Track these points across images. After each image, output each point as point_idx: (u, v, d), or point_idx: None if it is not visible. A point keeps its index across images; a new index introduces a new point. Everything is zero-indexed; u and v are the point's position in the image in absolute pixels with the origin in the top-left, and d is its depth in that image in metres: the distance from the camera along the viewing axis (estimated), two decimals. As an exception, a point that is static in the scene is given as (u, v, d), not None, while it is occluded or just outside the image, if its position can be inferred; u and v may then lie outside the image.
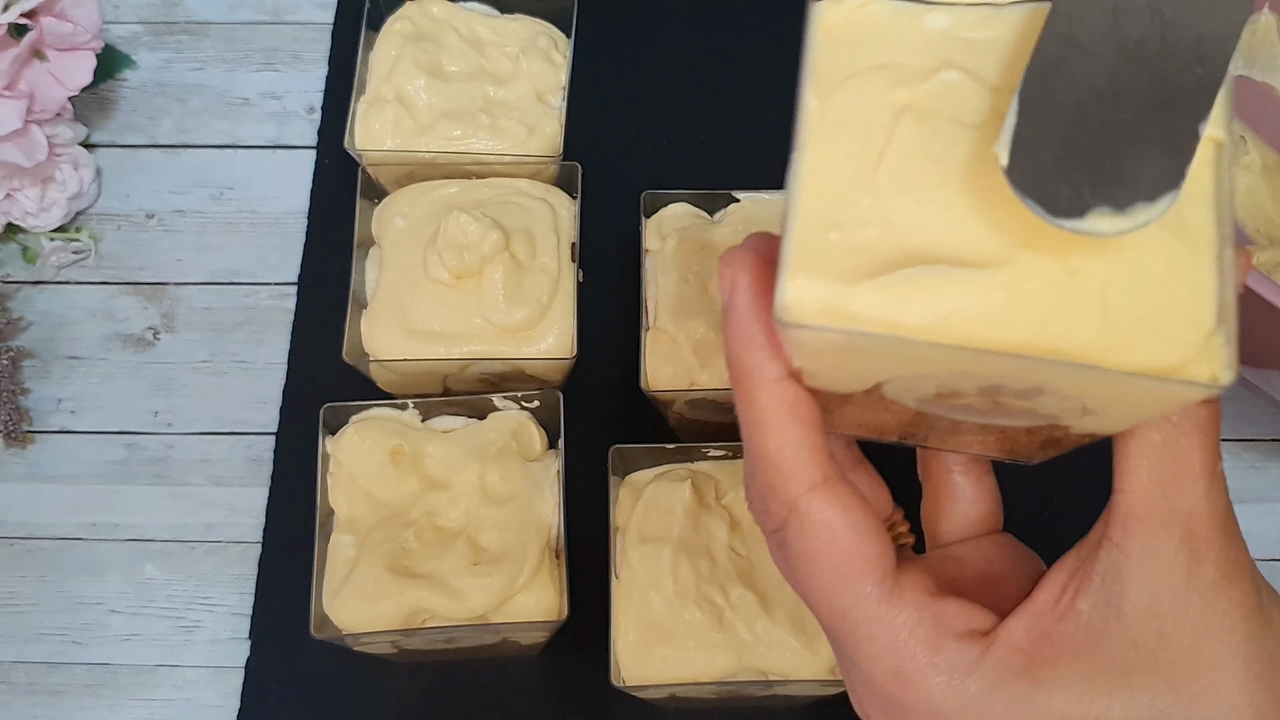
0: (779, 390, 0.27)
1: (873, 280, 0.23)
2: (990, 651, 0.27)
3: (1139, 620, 0.27)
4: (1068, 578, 0.28)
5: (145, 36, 0.71)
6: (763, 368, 0.27)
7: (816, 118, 0.25)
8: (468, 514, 0.51)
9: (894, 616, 0.27)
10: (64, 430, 0.60)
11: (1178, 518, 0.26)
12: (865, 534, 0.27)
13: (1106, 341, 0.23)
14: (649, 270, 0.55)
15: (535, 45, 0.63)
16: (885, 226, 0.24)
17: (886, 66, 0.26)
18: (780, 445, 0.27)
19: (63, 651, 0.56)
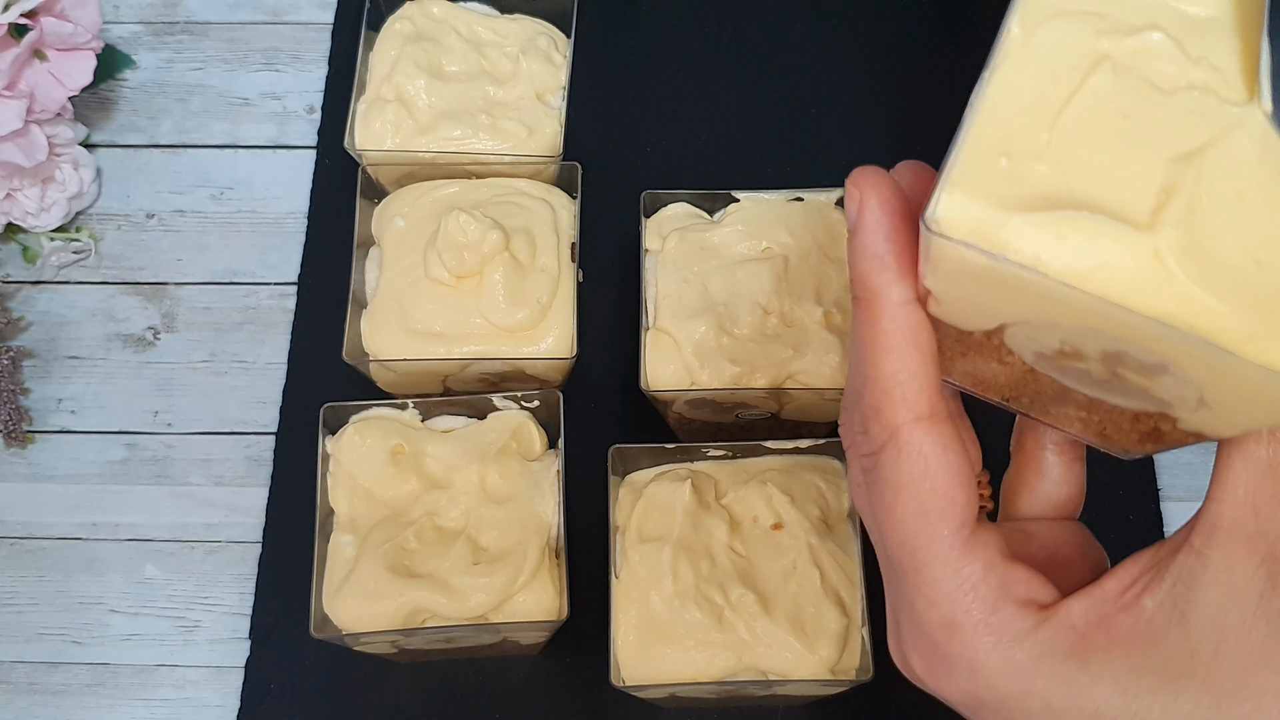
0: (903, 314, 0.27)
1: (1031, 214, 0.23)
2: (1045, 625, 0.27)
3: (1201, 630, 0.26)
4: (1140, 572, 0.28)
5: (145, 36, 0.71)
6: (890, 288, 0.26)
7: (1016, 45, 0.25)
8: (468, 514, 0.51)
9: (962, 566, 0.27)
10: (64, 430, 0.60)
11: (1264, 538, 0.26)
12: (957, 478, 0.27)
13: (1249, 331, 0.23)
14: (649, 270, 0.55)
15: (535, 45, 0.63)
16: (1056, 166, 0.24)
17: (1095, 15, 0.25)
18: (896, 369, 0.27)
19: (63, 651, 0.56)
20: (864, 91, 0.68)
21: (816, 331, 0.52)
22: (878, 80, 0.69)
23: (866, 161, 0.29)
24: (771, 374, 0.52)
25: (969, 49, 0.72)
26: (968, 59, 0.73)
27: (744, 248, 0.55)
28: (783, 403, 0.53)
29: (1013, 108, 0.24)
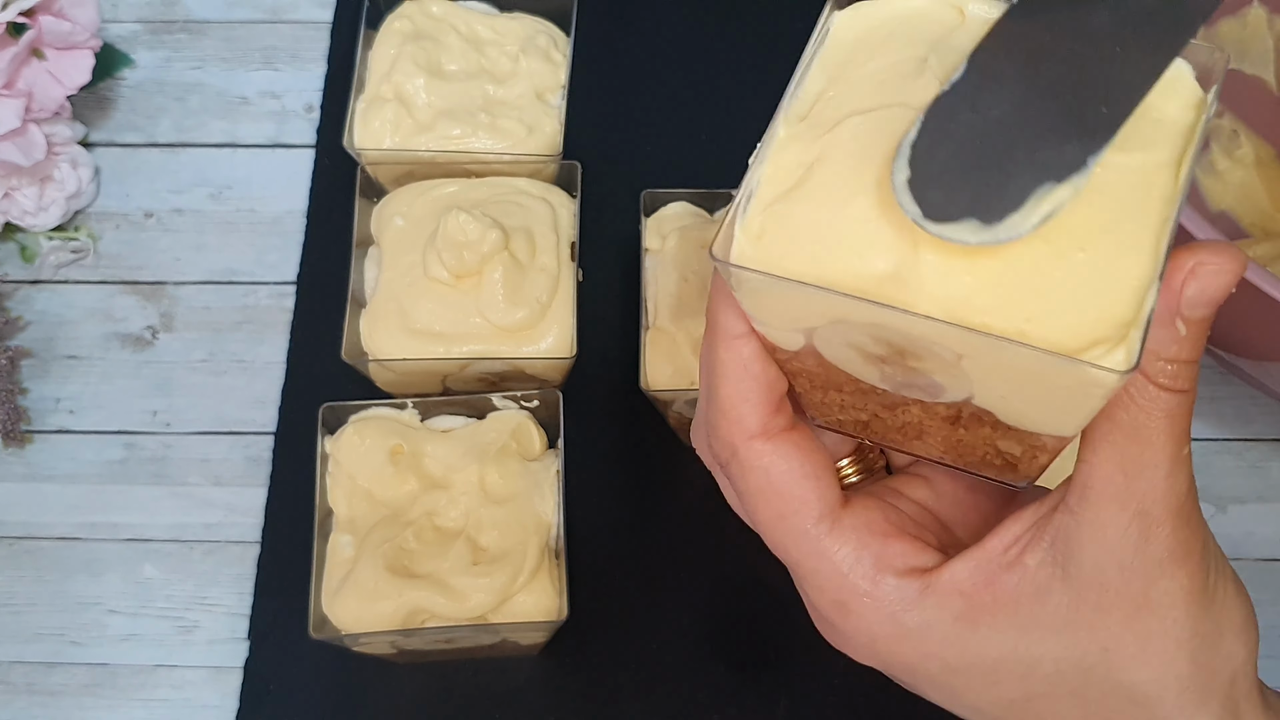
0: (738, 345, 0.29)
1: (780, 234, 0.27)
2: (930, 590, 0.29)
3: (1082, 583, 0.28)
4: (1021, 530, 0.29)
5: (144, 35, 0.71)
6: (730, 323, 0.29)
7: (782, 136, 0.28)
8: (467, 514, 0.51)
9: (834, 552, 0.30)
10: (63, 430, 0.60)
11: (1133, 496, 0.27)
12: (803, 479, 0.30)
13: (1023, 314, 0.25)
14: (649, 270, 0.55)
15: (535, 44, 0.62)
16: (803, 202, 0.27)
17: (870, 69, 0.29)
18: (731, 393, 0.30)
19: (61, 652, 0.56)
20: (864, 90, 0.68)
21: None
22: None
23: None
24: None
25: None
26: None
27: None
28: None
29: (782, 167, 0.28)
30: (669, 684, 0.54)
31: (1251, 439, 0.60)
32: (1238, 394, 0.60)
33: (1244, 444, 0.60)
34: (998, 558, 0.29)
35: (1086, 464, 0.28)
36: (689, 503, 0.57)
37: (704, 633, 0.55)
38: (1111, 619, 0.28)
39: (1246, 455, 0.60)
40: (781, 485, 0.30)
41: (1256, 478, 0.59)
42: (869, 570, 0.30)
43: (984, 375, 0.27)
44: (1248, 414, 0.60)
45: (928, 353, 0.26)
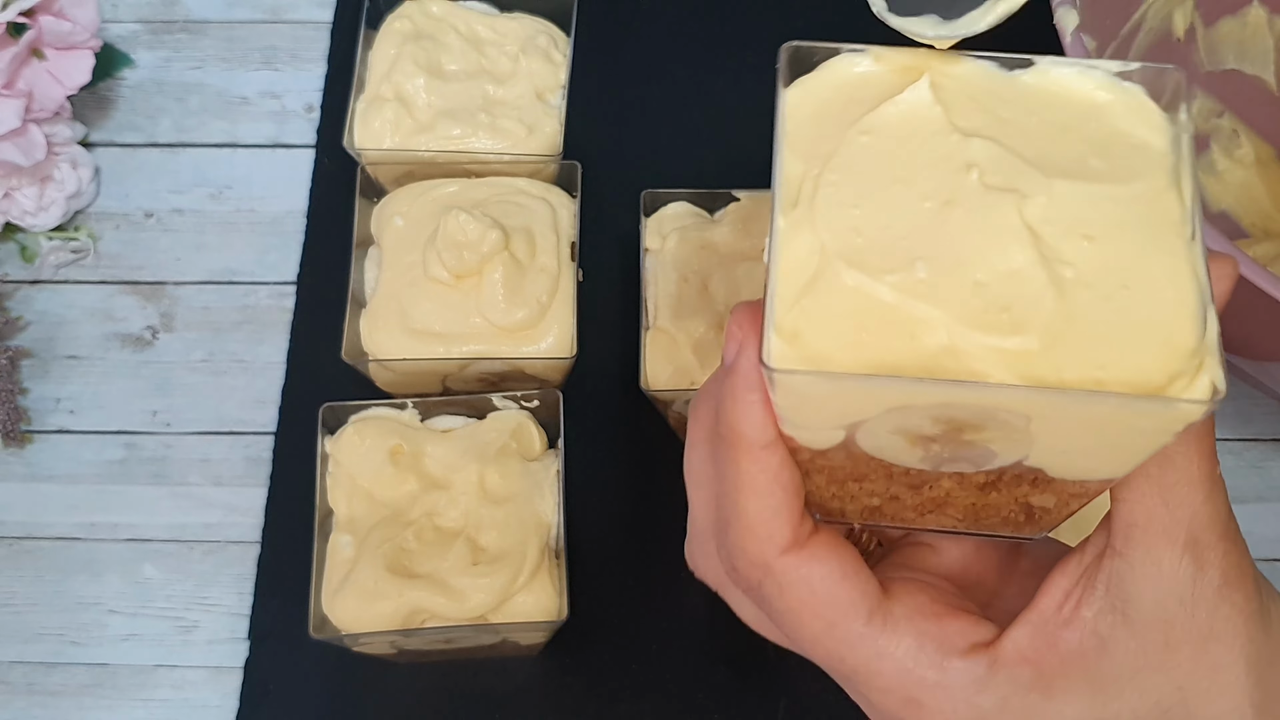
0: (767, 455, 0.27)
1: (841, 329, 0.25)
2: (998, 665, 0.27)
3: (1145, 627, 0.27)
4: (1070, 584, 0.28)
5: (144, 35, 0.71)
6: (756, 432, 0.27)
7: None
8: (467, 514, 0.51)
9: (894, 648, 0.28)
10: (63, 430, 0.60)
11: (1179, 525, 0.26)
12: (844, 580, 0.28)
13: (1095, 364, 0.24)
14: (649, 270, 0.55)
15: (535, 44, 0.62)
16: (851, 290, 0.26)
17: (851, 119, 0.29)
18: (760, 508, 0.27)
19: (61, 652, 0.56)
20: (864, 90, 0.68)
21: None
22: (878, 79, 0.69)
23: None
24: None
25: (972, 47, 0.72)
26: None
27: (744, 246, 0.55)
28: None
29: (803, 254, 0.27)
30: (669, 684, 0.54)
31: (1251, 439, 0.60)
32: (1238, 394, 0.60)
33: (1244, 444, 0.60)
34: (1054, 616, 0.28)
35: (1124, 502, 0.27)
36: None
37: (704, 633, 0.55)
38: (1181, 656, 0.27)
39: (1246, 455, 0.60)
40: (826, 593, 0.28)
41: (1256, 478, 0.59)
42: (934, 657, 0.28)
43: (1051, 434, 0.26)
44: (1248, 414, 0.60)
45: (993, 422, 0.25)
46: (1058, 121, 0.29)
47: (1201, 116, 0.63)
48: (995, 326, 0.25)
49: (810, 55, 0.30)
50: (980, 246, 0.26)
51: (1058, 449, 0.26)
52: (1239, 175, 0.63)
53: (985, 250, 0.26)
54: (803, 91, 0.30)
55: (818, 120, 0.29)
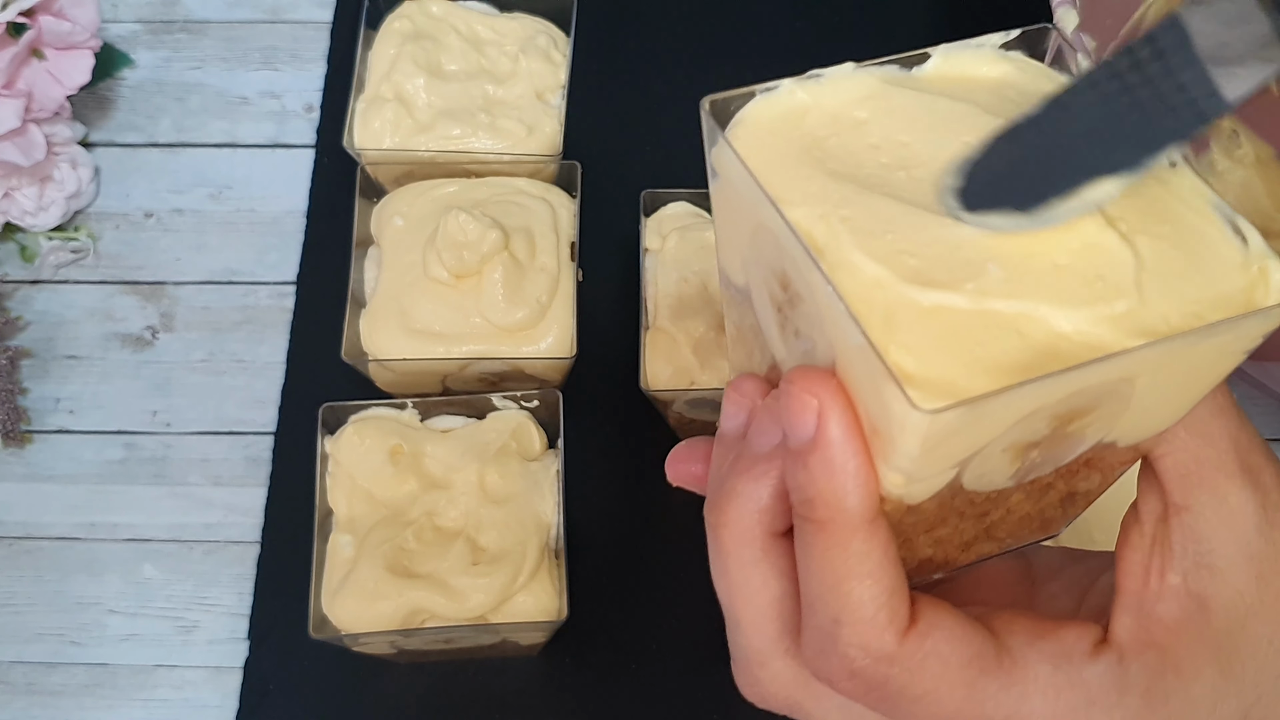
0: (875, 531, 0.24)
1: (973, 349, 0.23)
2: (1127, 659, 0.26)
3: (1235, 570, 0.26)
4: (1145, 557, 0.27)
5: (144, 35, 0.71)
6: (862, 506, 0.24)
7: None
8: (467, 514, 0.51)
9: (1034, 682, 0.26)
10: (62, 430, 0.60)
11: (1228, 456, 0.26)
12: (965, 636, 0.26)
13: (1189, 302, 0.24)
14: (649, 270, 0.55)
15: (535, 44, 0.62)
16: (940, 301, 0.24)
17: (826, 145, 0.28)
18: (875, 595, 0.24)
19: (61, 652, 0.56)
20: (864, 90, 0.68)
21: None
22: (878, 79, 0.69)
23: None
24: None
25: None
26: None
27: None
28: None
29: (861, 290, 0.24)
30: (669, 684, 0.54)
31: (1251, 439, 0.60)
32: (1238, 394, 0.60)
33: (1244, 444, 0.60)
34: (1146, 594, 0.27)
35: (1167, 457, 0.26)
36: (689, 502, 0.57)
37: (704, 633, 0.55)
38: (1272, 586, 0.26)
39: (1246, 455, 0.60)
40: (957, 658, 0.25)
41: (1256, 478, 0.59)
42: (1071, 675, 0.26)
43: (1152, 390, 0.25)
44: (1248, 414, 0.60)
45: (1108, 397, 0.24)
46: (983, 101, 0.28)
47: (1201, 116, 0.63)
48: (1097, 298, 0.24)
49: (728, 105, 0.30)
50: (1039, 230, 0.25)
51: (1145, 409, 0.25)
52: (1239, 175, 0.63)
53: (1046, 232, 0.25)
54: (745, 140, 0.29)
55: (777, 163, 0.28)
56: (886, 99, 0.29)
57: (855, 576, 0.24)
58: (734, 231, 0.29)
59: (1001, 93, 0.29)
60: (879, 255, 0.25)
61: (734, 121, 0.30)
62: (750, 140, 0.29)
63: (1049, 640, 0.26)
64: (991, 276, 0.24)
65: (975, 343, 0.23)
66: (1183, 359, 0.24)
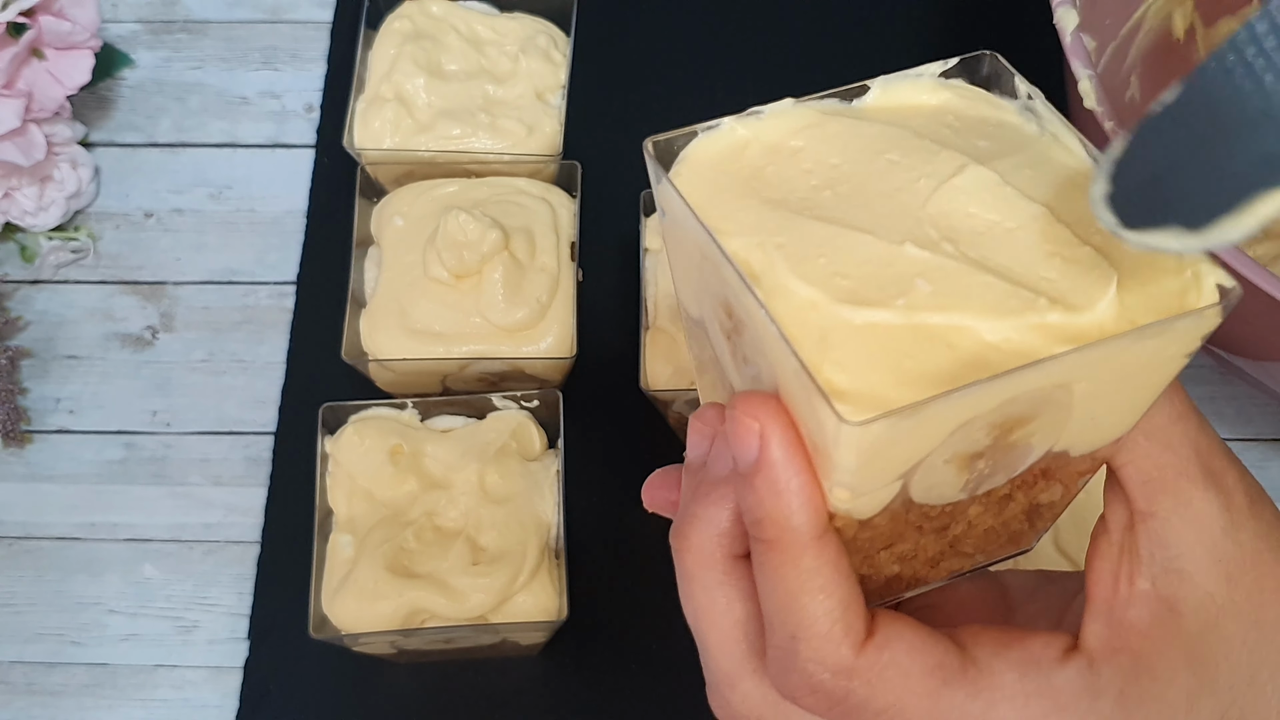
0: (824, 546, 0.25)
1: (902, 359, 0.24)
2: (1098, 663, 0.26)
3: (1203, 573, 0.26)
4: (1114, 565, 0.27)
5: (144, 35, 0.71)
6: (809, 523, 0.24)
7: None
8: (467, 514, 0.51)
9: (1002, 690, 0.26)
10: (62, 430, 0.60)
11: (1190, 462, 0.26)
12: (925, 646, 0.26)
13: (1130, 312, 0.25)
14: (649, 270, 0.55)
15: (535, 44, 0.62)
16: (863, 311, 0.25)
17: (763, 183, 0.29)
18: (829, 609, 0.25)
19: (61, 652, 0.56)
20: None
21: None
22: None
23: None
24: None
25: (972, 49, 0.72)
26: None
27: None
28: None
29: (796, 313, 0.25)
30: (669, 684, 0.54)
31: (1251, 439, 0.60)
32: (1238, 394, 0.60)
33: (1244, 444, 0.60)
34: (1115, 601, 0.27)
35: (1129, 465, 0.27)
36: (689, 503, 0.57)
37: (704, 633, 0.55)
38: (1243, 588, 0.26)
39: (1246, 455, 0.60)
40: (919, 668, 0.25)
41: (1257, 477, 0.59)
42: (1040, 682, 0.26)
43: (1091, 399, 0.25)
44: (1248, 414, 0.60)
45: (1045, 406, 0.25)
46: (917, 125, 0.30)
47: (1201, 116, 0.63)
48: (1026, 307, 0.25)
49: (671, 145, 0.31)
50: (967, 243, 0.26)
51: (1090, 416, 0.26)
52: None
53: (976, 244, 0.26)
54: (688, 177, 0.30)
55: (718, 197, 0.29)
56: (822, 127, 0.30)
57: (808, 592, 0.25)
58: (684, 265, 0.30)
59: (939, 118, 0.30)
60: (812, 278, 0.25)
61: (678, 160, 0.31)
62: (693, 177, 0.30)
63: (1016, 649, 0.26)
64: (920, 291, 0.25)
65: (905, 356, 0.24)
66: (1118, 364, 0.25)
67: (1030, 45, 0.69)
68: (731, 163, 0.30)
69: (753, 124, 0.30)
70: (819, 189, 0.28)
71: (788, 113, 0.31)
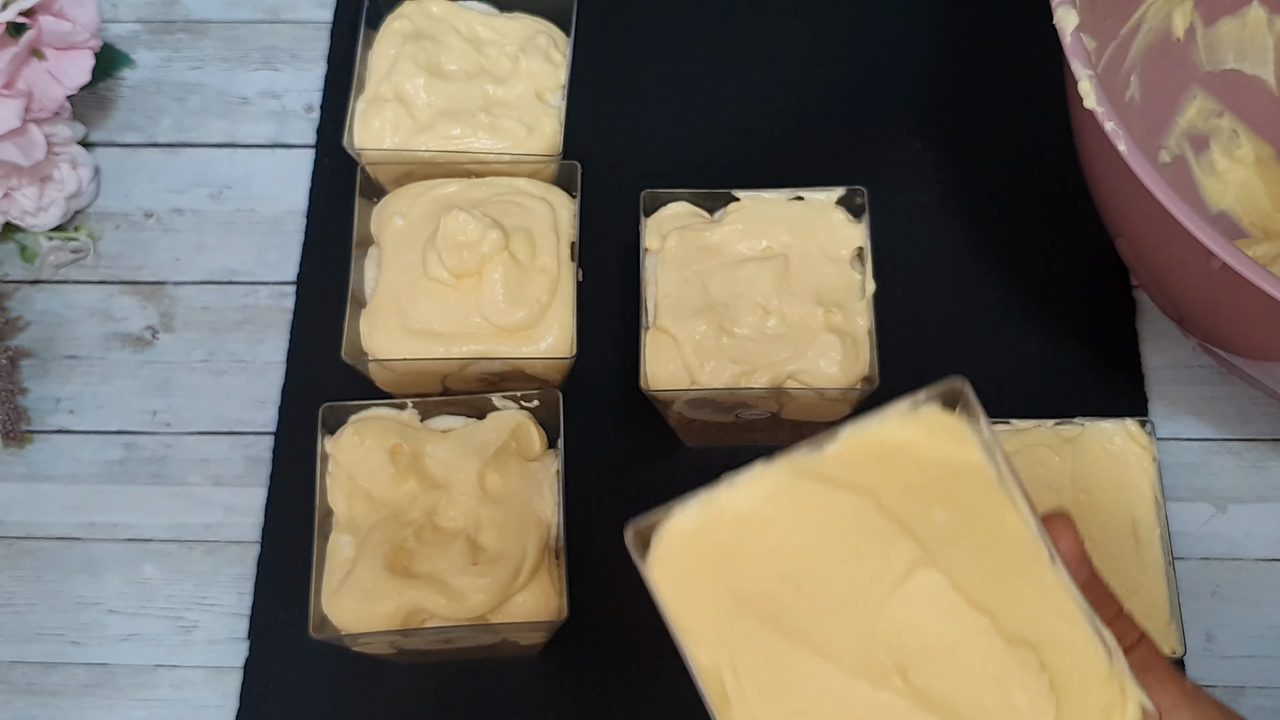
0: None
1: None
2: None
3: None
4: None
5: (144, 35, 0.71)
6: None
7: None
8: (467, 514, 0.51)
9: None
10: (63, 430, 0.60)
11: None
12: None
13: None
14: (649, 269, 0.55)
15: (535, 44, 0.62)
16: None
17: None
18: None
19: (61, 652, 0.56)
20: (865, 91, 0.68)
21: (817, 331, 0.52)
22: (879, 79, 0.69)
23: (867, 162, 0.29)
24: (771, 373, 0.52)
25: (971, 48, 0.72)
26: (970, 58, 0.73)
27: (744, 247, 0.55)
28: (783, 402, 0.53)
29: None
30: (669, 684, 0.54)
31: (1251, 439, 0.60)
32: (1238, 394, 0.60)
33: (1244, 444, 0.60)
34: None
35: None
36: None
37: (704, 633, 0.55)
38: None
39: (1246, 455, 0.60)
40: None
41: (1256, 478, 0.59)
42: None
43: None
44: (1248, 414, 0.60)
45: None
46: (885, 493, 0.32)
47: (1201, 116, 0.63)
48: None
49: (650, 526, 0.33)
50: (915, 668, 0.30)
51: None
52: (1239, 175, 0.63)
53: (922, 670, 0.30)
54: (664, 570, 0.32)
55: (693, 592, 0.32)
56: (791, 496, 0.32)
57: None
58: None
59: (905, 475, 0.33)
60: (779, 717, 0.30)
61: (655, 538, 0.33)
62: (668, 558, 0.32)
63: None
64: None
65: None
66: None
67: (1030, 46, 0.70)
68: (705, 542, 0.32)
69: (725, 494, 0.32)
70: (784, 581, 0.31)
71: (757, 479, 0.33)
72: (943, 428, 0.33)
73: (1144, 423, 0.55)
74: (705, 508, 0.33)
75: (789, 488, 0.33)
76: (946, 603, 0.31)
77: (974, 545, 0.32)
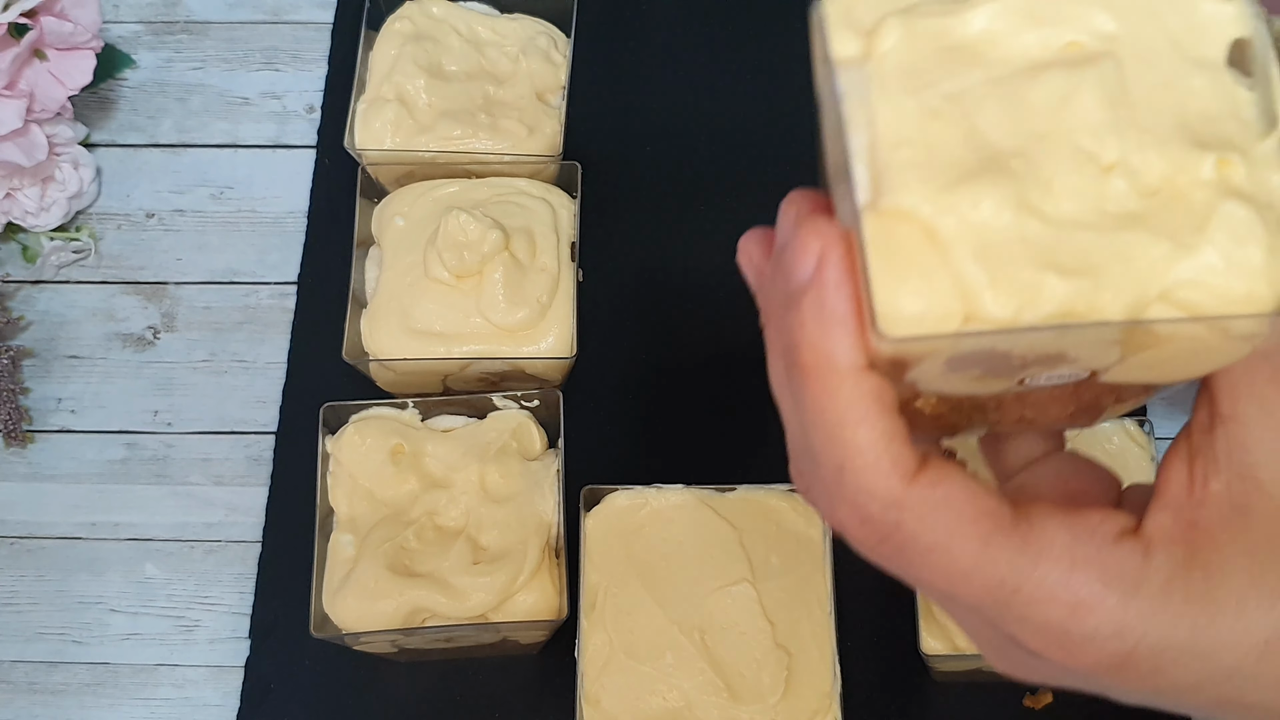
0: (867, 377, 0.24)
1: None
2: (1152, 550, 0.25)
3: (1278, 481, 0.25)
4: (1188, 465, 0.26)
5: (145, 36, 0.71)
6: (849, 354, 0.24)
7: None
8: (468, 513, 0.51)
9: (1052, 548, 0.25)
10: (64, 430, 0.60)
11: (1277, 368, 0.26)
12: (979, 491, 0.25)
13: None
14: (848, 96, 0.24)
15: (535, 45, 0.63)
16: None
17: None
18: (874, 439, 0.24)
19: (63, 651, 0.56)
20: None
21: (1207, 199, 0.24)
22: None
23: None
24: (1130, 291, 0.24)
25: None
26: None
27: (1031, 40, 0.25)
28: (1133, 349, 0.26)
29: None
30: (669, 683, 0.54)
31: (1250, 439, 0.60)
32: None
33: (1243, 444, 0.60)
34: (1186, 500, 0.26)
35: (1222, 370, 0.26)
36: (689, 502, 0.57)
37: (704, 632, 0.55)
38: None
39: (1245, 455, 0.60)
40: (972, 509, 0.25)
41: (1255, 477, 0.59)
42: (1091, 551, 0.25)
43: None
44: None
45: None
46: (745, 528, 0.52)
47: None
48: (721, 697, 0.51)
49: (597, 494, 0.52)
50: (714, 637, 0.51)
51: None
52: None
53: (718, 640, 0.51)
54: (596, 520, 0.52)
55: (606, 539, 0.52)
56: (692, 511, 0.52)
57: (849, 424, 0.24)
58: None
59: (765, 527, 0.52)
60: (617, 627, 0.51)
61: (601, 501, 0.52)
62: (603, 514, 0.52)
63: (1073, 516, 0.25)
64: (666, 661, 0.51)
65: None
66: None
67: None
68: (628, 515, 0.52)
69: (654, 493, 0.53)
70: (662, 557, 0.51)
71: (678, 494, 0.53)
72: (804, 508, 0.51)
73: (1142, 422, 0.55)
74: (637, 496, 0.52)
75: (692, 506, 0.52)
76: (749, 608, 0.50)
77: (786, 584, 0.51)
